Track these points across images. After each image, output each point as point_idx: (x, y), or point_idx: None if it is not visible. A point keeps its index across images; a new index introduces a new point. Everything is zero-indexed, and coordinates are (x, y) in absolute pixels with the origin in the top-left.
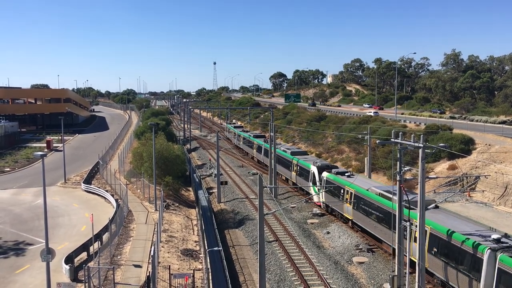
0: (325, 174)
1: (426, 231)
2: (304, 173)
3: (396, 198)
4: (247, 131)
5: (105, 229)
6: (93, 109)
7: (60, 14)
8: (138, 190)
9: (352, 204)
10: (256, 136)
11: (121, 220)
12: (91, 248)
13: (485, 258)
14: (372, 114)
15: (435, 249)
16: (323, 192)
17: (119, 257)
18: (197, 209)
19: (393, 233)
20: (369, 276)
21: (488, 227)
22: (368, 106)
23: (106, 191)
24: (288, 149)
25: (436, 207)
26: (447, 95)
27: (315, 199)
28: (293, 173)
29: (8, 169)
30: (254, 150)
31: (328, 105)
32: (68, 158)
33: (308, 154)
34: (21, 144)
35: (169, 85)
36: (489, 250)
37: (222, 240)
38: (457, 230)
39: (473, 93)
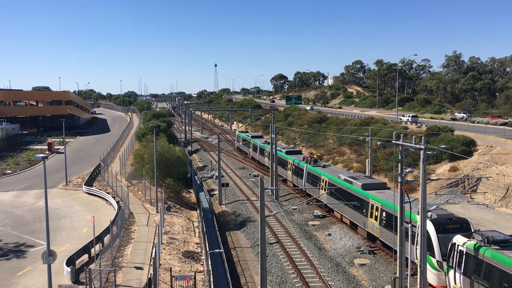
0: (460, 241)
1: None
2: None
3: None
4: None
5: (107, 231)
6: (95, 111)
7: (61, 16)
8: (140, 192)
9: None
10: (290, 152)
11: (122, 222)
12: (92, 250)
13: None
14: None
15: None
16: (460, 276)
17: (120, 259)
18: (198, 211)
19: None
20: (370, 278)
21: None
22: (466, 114)
23: (108, 193)
24: (353, 177)
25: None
26: (448, 96)
27: (432, 279)
28: (372, 220)
29: (9, 171)
30: (289, 172)
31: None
32: (70, 160)
33: (388, 187)
34: (22, 147)
35: (170, 87)
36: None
37: (223, 242)
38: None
39: (474, 94)
